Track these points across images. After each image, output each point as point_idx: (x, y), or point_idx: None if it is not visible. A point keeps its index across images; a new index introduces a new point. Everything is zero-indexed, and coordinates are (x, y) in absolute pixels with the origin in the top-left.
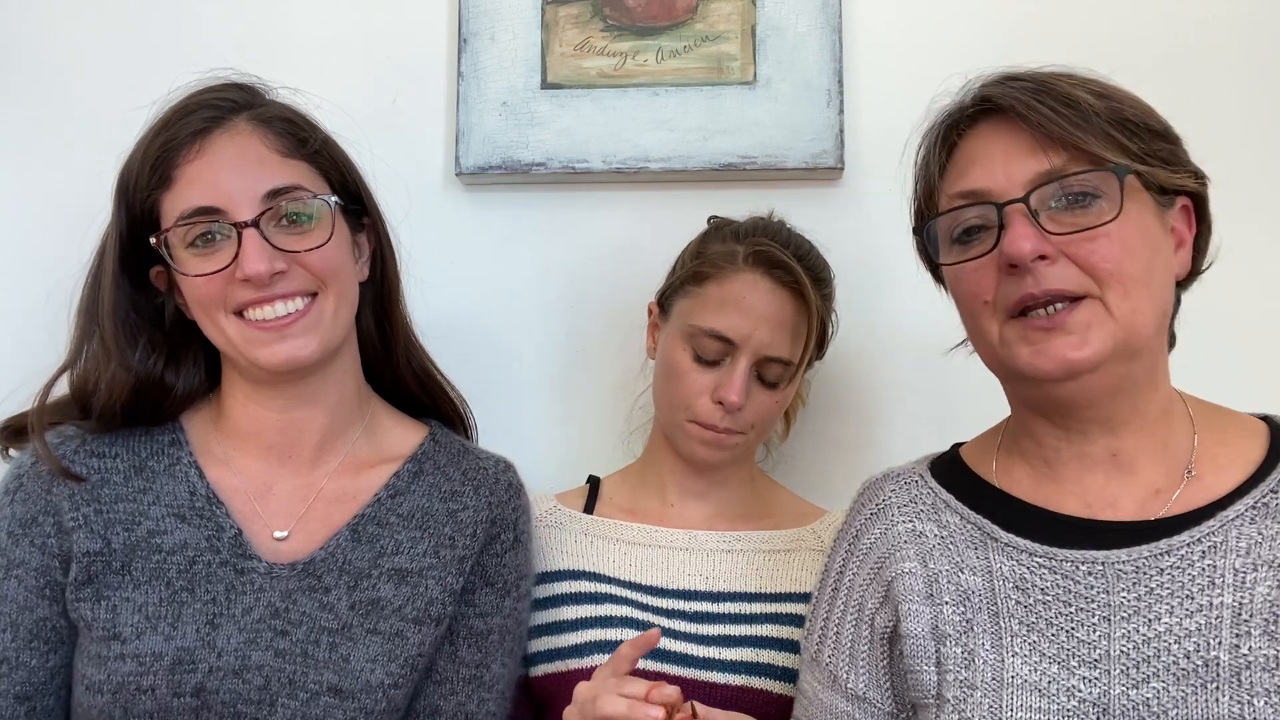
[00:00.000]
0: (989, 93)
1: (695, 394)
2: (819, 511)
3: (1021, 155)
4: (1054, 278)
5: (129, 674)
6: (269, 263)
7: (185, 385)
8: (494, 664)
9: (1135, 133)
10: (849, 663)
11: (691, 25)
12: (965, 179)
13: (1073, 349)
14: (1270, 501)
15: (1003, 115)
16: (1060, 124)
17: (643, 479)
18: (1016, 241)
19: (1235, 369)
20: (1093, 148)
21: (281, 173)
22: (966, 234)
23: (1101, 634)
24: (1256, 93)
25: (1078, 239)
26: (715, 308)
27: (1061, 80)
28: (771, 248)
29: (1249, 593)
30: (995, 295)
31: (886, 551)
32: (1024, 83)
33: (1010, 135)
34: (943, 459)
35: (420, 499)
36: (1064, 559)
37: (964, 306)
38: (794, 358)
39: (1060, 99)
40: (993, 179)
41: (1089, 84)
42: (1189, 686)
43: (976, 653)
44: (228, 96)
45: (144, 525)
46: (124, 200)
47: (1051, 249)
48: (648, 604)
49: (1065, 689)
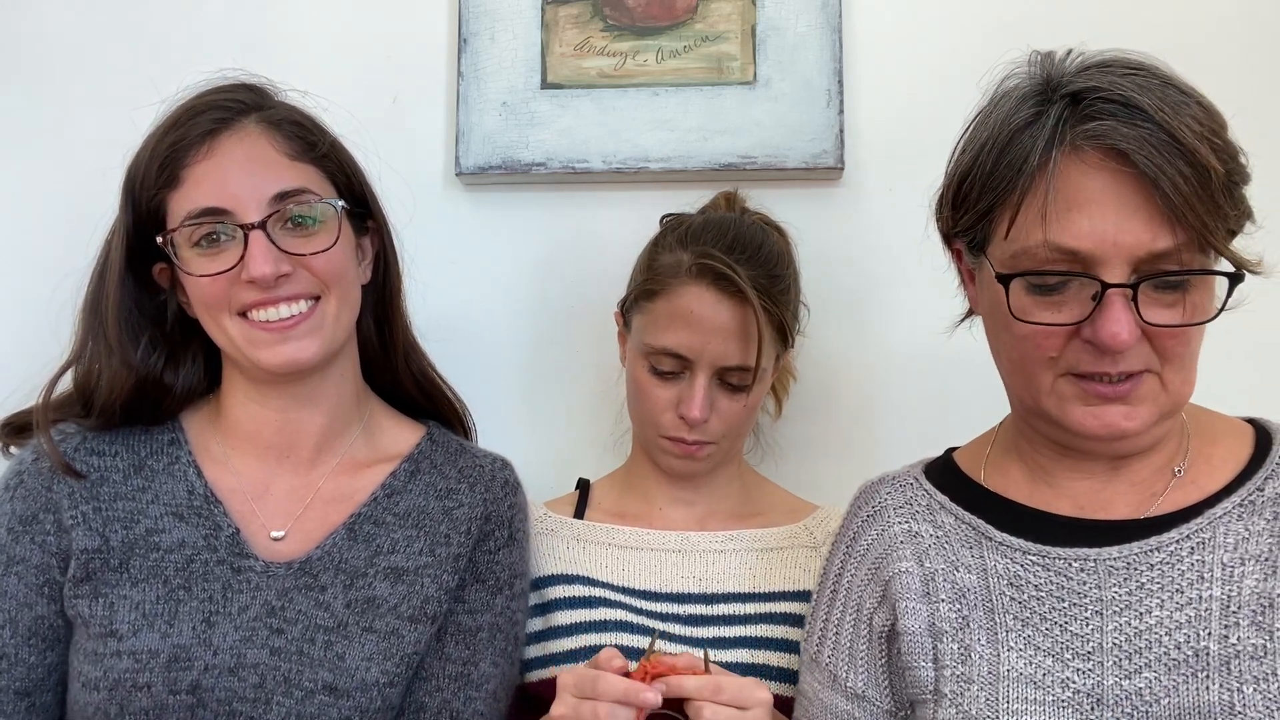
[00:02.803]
0: (1109, 133)
1: (659, 410)
2: (810, 507)
3: (1138, 223)
4: (1131, 360)
5: (125, 671)
6: (275, 265)
7: (185, 384)
8: (483, 663)
9: (1238, 203)
10: (848, 662)
11: (691, 25)
12: (1066, 230)
13: (1126, 419)
14: (1256, 499)
15: (1115, 155)
16: (1193, 204)
17: (630, 484)
18: (1117, 334)
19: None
20: (1216, 240)
21: (289, 175)
22: (1048, 288)
23: (1094, 627)
24: (1257, 92)
25: (1175, 330)
26: (665, 324)
27: (1184, 123)
28: (714, 260)
29: (1237, 586)
30: (1061, 355)
31: (883, 552)
32: (1146, 126)
33: (1123, 189)
34: (936, 463)
35: (416, 498)
36: (1057, 556)
37: (1016, 349)
38: (754, 362)
39: (1189, 159)
40: (1100, 244)
41: (1202, 125)
42: (1180, 676)
43: (973, 648)
44: (237, 98)
45: (142, 523)
46: (130, 197)
47: (1140, 335)
48: (642, 608)
49: (1060, 680)
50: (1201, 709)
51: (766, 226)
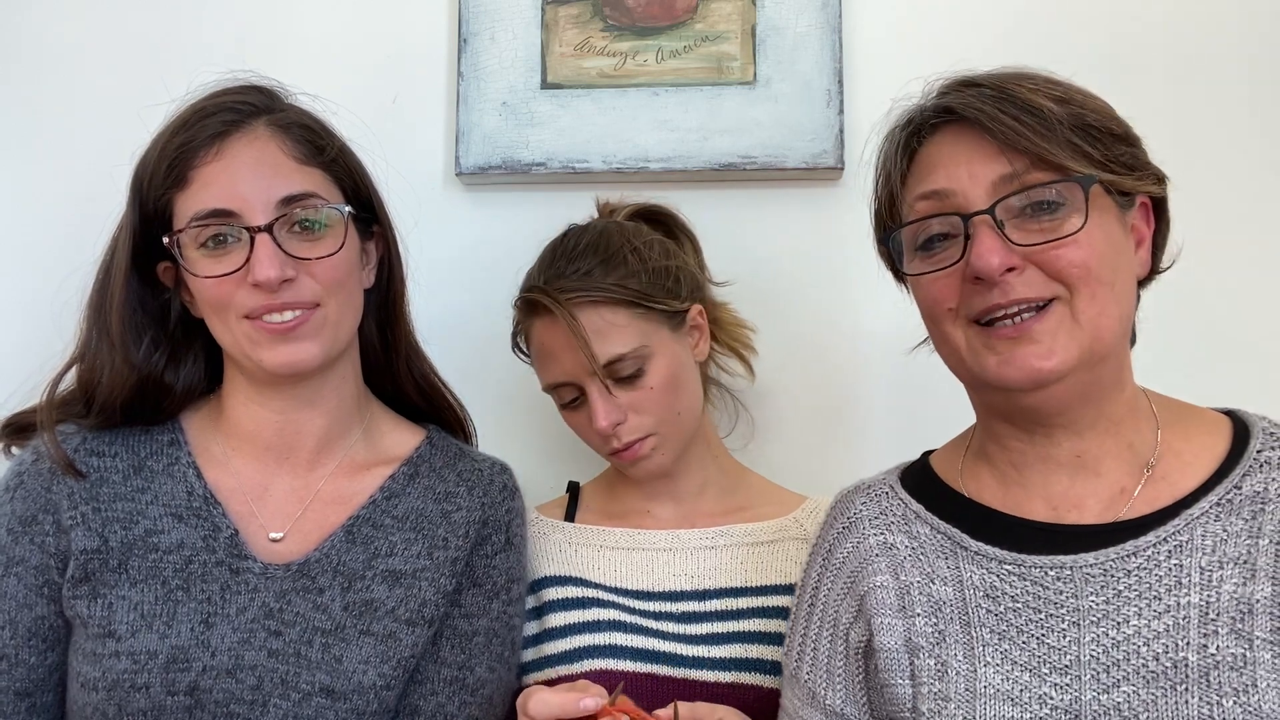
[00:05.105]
0: (950, 102)
1: (587, 434)
2: (799, 499)
3: (985, 160)
4: (1021, 287)
5: (124, 671)
6: (280, 269)
7: (185, 384)
8: (478, 667)
9: (1098, 138)
10: (826, 679)
11: (691, 25)
12: (928, 181)
13: (1040, 358)
14: (1234, 498)
15: (965, 124)
16: (1024, 133)
17: (616, 485)
18: (985, 255)
19: (1205, 364)
20: (1057, 157)
21: (297, 179)
22: (930, 242)
23: (1071, 639)
24: (1258, 91)
25: (1045, 247)
26: (538, 365)
27: (1022, 85)
28: (528, 293)
29: (1215, 591)
30: (960, 303)
31: (859, 566)
32: (985, 89)
33: (973, 142)
34: (913, 468)
35: (415, 501)
36: (1032, 565)
37: (928, 313)
38: (625, 348)
39: (1023, 106)
40: (956, 180)
41: (1050, 88)
42: (1158, 689)
43: (949, 664)
44: (248, 100)
45: (141, 524)
46: (138, 196)
47: (1018, 260)
48: (634, 607)
49: (1037, 697)
50: None
51: (617, 221)
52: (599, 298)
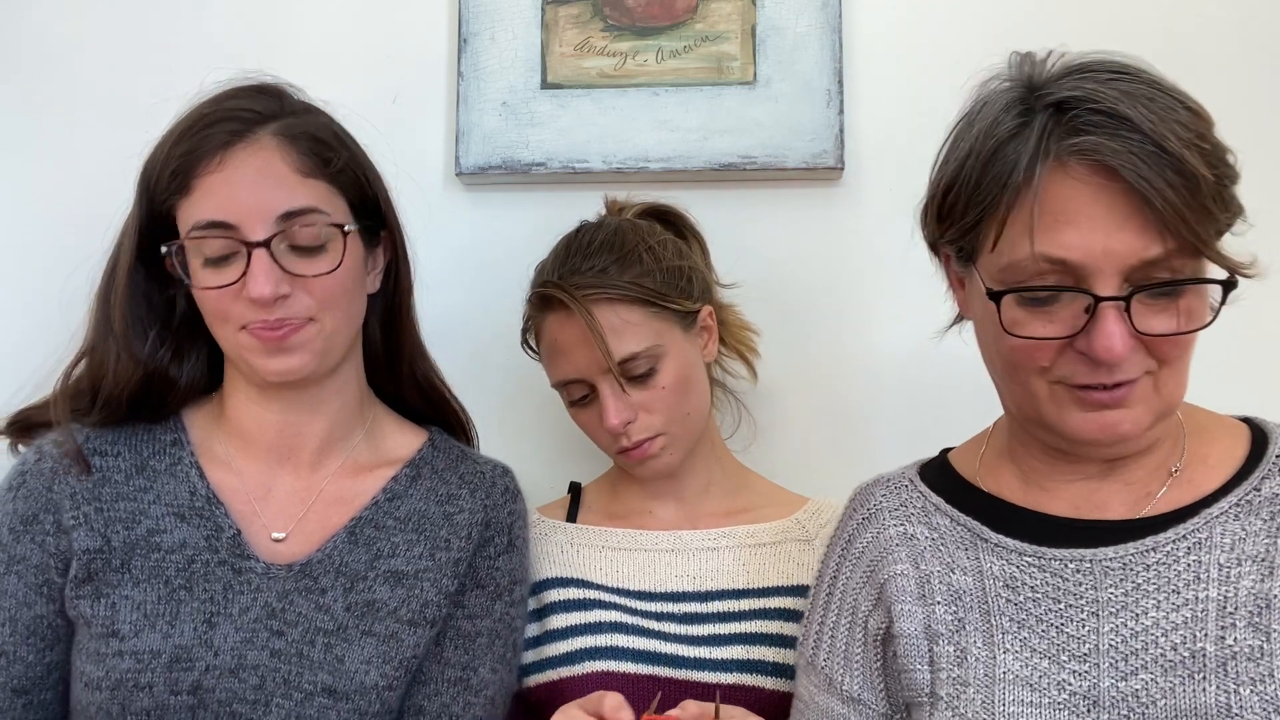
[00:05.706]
0: (1097, 147)
1: (596, 433)
2: (801, 500)
3: (1128, 234)
4: (1129, 369)
5: (127, 671)
6: (275, 285)
7: (189, 379)
8: (481, 668)
9: (1227, 204)
10: (844, 665)
11: (691, 25)
12: (1054, 243)
13: (1124, 422)
14: (1253, 499)
15: (1112, 174)
16: (1182, 210)
17: (618, 486)
18: (1111, 348)
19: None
20: (1207, 247)
21: (299, 193)
22: (1039, 300)
23: (1090, 629)
24: (1253, 92)
25: (1165, 339)
26: (549, 362)
27: (1170, 128)
28: (543, 287)
29: (1233, 586)
30: (1054, 364)
31: (879, 555)
32: (1134, 138)
33: (1112, 201)
34: (931, 464)
35: (417, 502)
36: (1052, 557)
37: (1009, 361)
38: (639, 347)
39: (1175, 166)
40: (1090, 255)
41: (1191, 135)
42: (1176, 678)
43: (969, 650)
44: (254, 107)
45: (144, 524)
46: (145, 195)
47: (1136, 344)
48: (636, 609)
49: (1056, 682)
50: (1198, 711)
51: (630, 219)
52: (615, 295)
